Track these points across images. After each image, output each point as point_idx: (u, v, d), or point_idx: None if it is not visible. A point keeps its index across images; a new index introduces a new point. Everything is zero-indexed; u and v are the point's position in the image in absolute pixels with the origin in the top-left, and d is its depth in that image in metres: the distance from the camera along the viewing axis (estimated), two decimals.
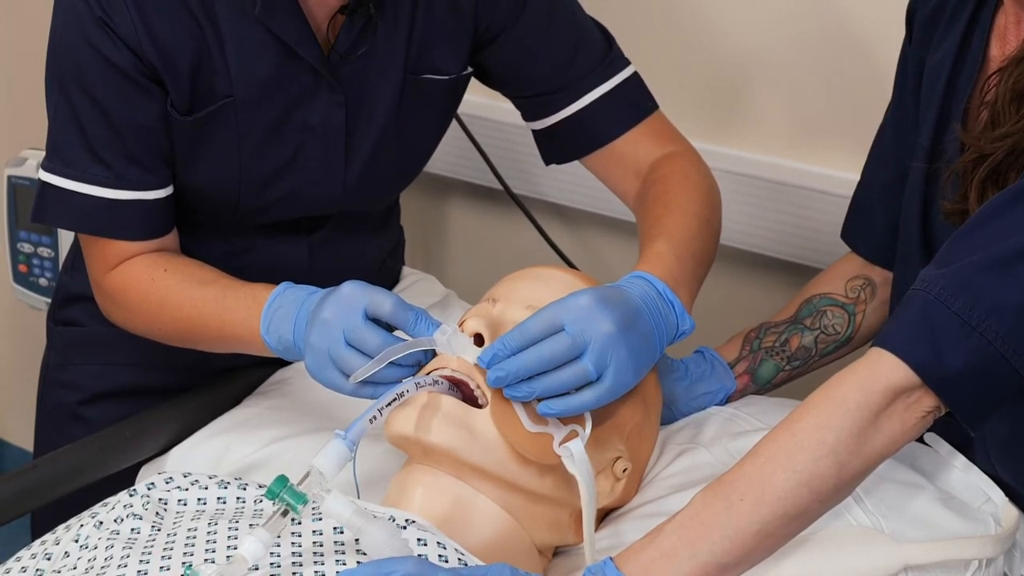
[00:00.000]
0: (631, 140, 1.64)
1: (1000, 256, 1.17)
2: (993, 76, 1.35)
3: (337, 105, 1.54)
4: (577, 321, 1.27)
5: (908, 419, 1.19)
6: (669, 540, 1.17)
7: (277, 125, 1.53)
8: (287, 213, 1.62)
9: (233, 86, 1.50)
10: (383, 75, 1.56)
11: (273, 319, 1.41)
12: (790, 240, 2.07)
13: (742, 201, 2.11)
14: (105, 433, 1.58)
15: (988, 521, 1.33)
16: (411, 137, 1.63)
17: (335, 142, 1.56)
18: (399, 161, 1.64)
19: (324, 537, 1.21)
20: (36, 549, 1.30)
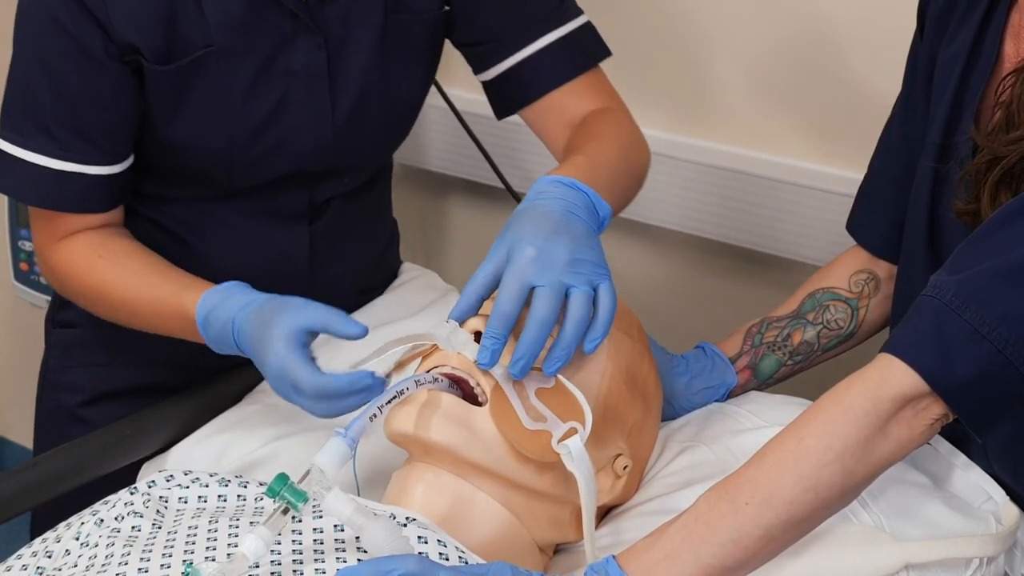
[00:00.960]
0: (571, 91, 1.64)
1: (1012, 265, 1.17)
2: (1008, 77, 1.34)
3: (318, 48, 1.53)
4: (542, 271, 1.27)
5: (916, 426, 1.19)
6: (673, 541, 1.17)
7: (260, 72, 1.52)
8: (281, 166, 1.59)
9: (211, 34, 1.49)
10: (362, 16, 1.55)
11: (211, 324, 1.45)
12: (789, 237, 2.07)
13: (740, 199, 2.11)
14: (105, 431, 1.58)
15: (989, 519, 1.33)
16: (396, 83, 1.61)
17: (319, 87, 1.55)
18: (387, 109, 1.63)
19: (325, 535, 1.21)
20: (37, 547, 1.30)
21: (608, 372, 1.34)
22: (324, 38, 1.53)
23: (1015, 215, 1.22)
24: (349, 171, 1.67)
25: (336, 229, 1.68)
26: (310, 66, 1.54)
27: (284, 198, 1.64)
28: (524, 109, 1.66)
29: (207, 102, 1.52)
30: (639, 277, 2.29)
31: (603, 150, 1.51)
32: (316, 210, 1.66)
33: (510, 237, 1.30)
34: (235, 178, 1.59)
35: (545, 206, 1.34)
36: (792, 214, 2.06)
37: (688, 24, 2.13)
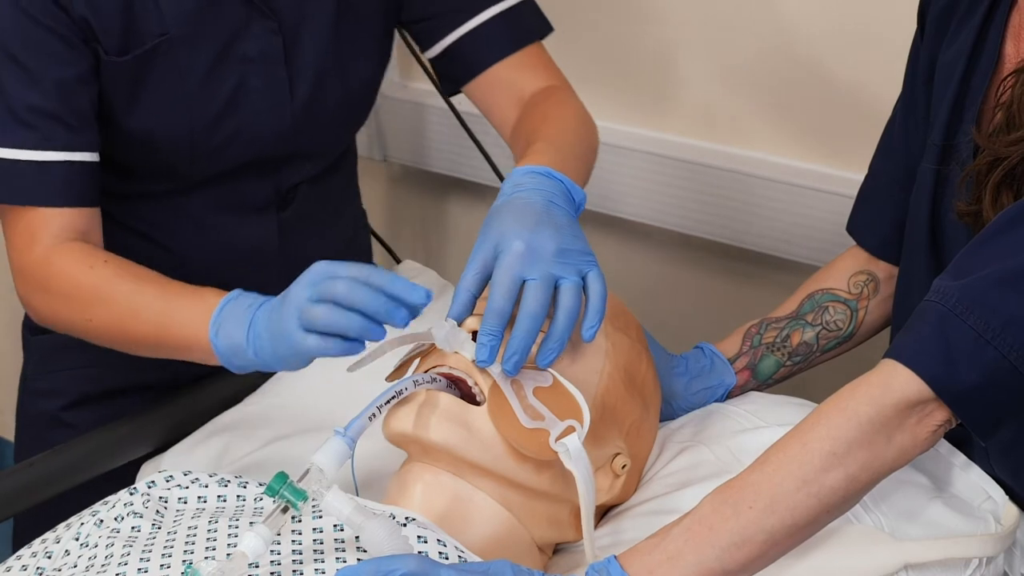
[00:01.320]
0: (515, 66, 1.65)
1: (1016, 270, 1.17)
2: (1009, 78, 1.34)
3: (272, 33, 1.53)
4: (532, 265, 1.28)
5: (920, 433, 1.19)
6: (675, 543, 1.17)
7: (216, 60, 1.52)
8: (243, 154, 1.59)
9: (166, 22, 1.48)
10: (316, 2, 1.55)
11: (224, 322, 1.36)
12: (788, 238, 2.07)
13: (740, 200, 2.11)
14: (99, 432, 1.57)
15: (988, 519, 1.33)
16: (352, 64, 1.61)
17: (276, 72, 1.55)
18: (344, 92, 1.63)
19: (324, 535, 1.21)
20: (37, 547, 1.30)
21: (606, 371, 1.34)
22: (278, 23, 1.53)
23: (1018, 219, 1.22)
24: (311, 156, 1.66)
25: (304, 216, 1.68)
26: (266, 52, 1.53)
27: (249, 187, 1.63)
28: (469, 85, 1.66)
29: (165, 92, 1.51)
30: (637, 277, 2.29)
31: (563, 133, 1.52)
32: (283, 198, 1.66)
33: (495, 232, 1.31)
34: (197, 168, 1.58)
35: (525, 198, 1.34)
36: (790, 214, 2.06)
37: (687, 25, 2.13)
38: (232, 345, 1.34)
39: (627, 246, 2.30)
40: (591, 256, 1.32)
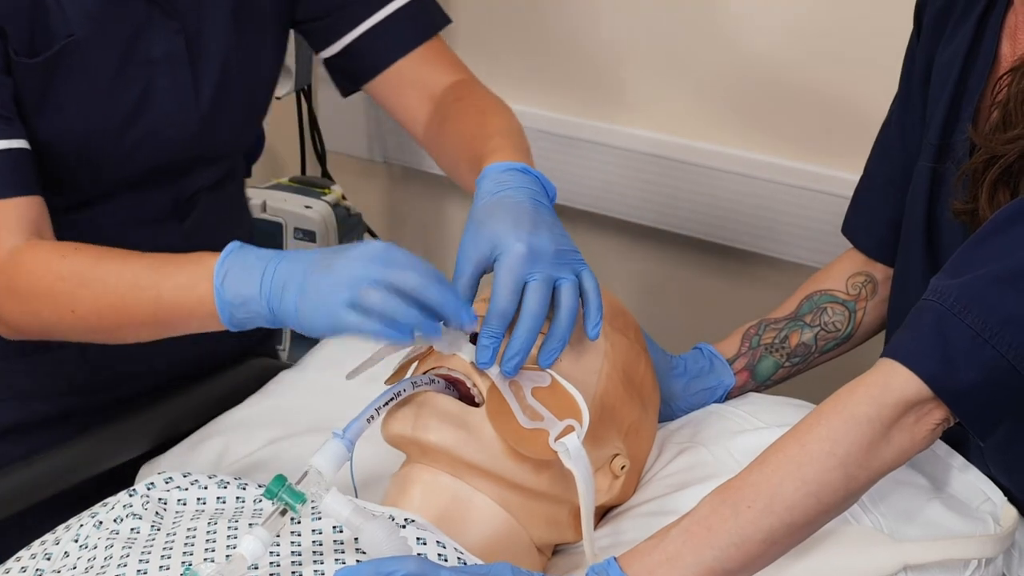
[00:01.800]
0: (420, 61, 1.63)
1: (1013, 268, 1.17)
2: (1005, 76, 1.35)
3: (175, 33, 1.51)
4: (534, 266, 1.28)
5: (918, 432, 1.19)
6: (674, 544, 1.17)
7: (122, 62, 1.49)
8: (149, 159, 1.55)
9: (70, 24, 1.45)
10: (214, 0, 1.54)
11: (230, 271, 1.30)
12: (786, 238, 2.07)
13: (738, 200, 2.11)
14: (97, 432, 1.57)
15: (987, 520, 1.33)
16: (254, 63, 1.60)
17: (181, 74, 1.53)
18: (247, 91, 1.61)
19: (323, 536, 1.21)
20: (36, 549, 1.30)
21: (604, 372, 1.34)
22: (180, 22, 1.51)
23: (1015, 217, 1.22)
24: (214, 160, 1.64)
25: (205, 226, 1.64)
26: (170, 53, 1.51)
27: (149, 199, 1.58)
28: (372, 82, 1.64)
29: (74, 95, 1.48)
30: (636, 277, 2.29)
31: (509, 127, 1.51)
32: (183, 207, 1.62)
33: (490, 232, 1.30)
34: (104, 176, 1.54)
35: (513, 197, 1.34)
36: (788, 215, 2.06)
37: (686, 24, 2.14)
38: (240, 295, 1.29)
39: (626, 247, 2.31)
40: (580, 255, 1.33)
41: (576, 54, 2.26)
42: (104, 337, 1.42)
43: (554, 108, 2.29)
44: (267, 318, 1.29)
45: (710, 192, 2.13)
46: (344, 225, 2.10)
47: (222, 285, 1.29)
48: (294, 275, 1.27)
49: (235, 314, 1.30)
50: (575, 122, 2.26)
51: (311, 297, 1.25)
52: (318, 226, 2.07)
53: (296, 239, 2.10)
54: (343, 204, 2.12)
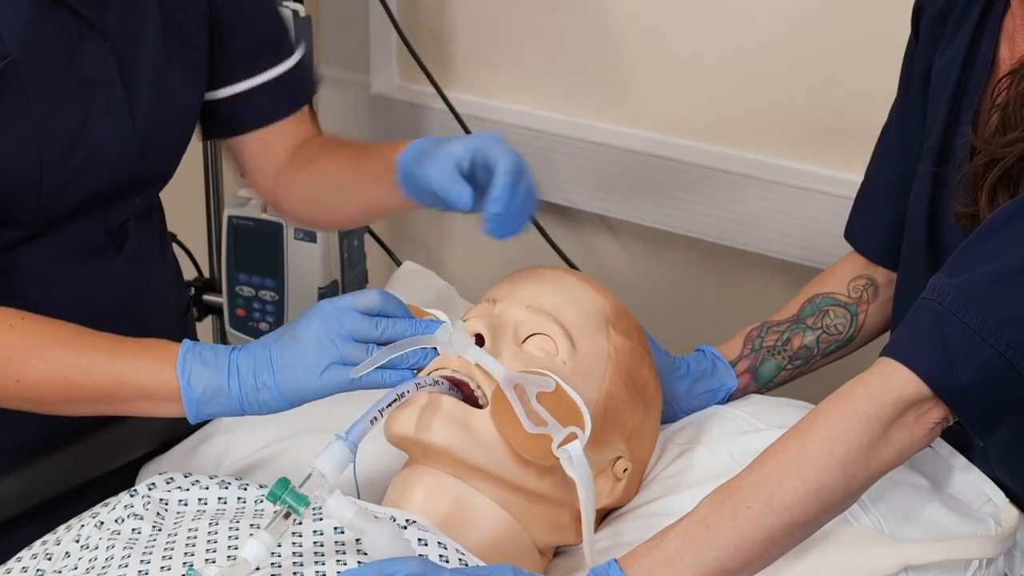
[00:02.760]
0: (291, 124, 1.66)
1: (1012, 267, 1.18)
2: (1004, 79, 1.35)
3: (107, 53, 1.48)
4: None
5: (918, 430, 1.19)
6: (674, 544, 1.17)
7: (60, 84, 1.45)
8: (89, 186, 1.51)
9: (6, 45, 1.41)
10: (142, 17, 1.52)
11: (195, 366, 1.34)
12: (790, 240, 2.07)
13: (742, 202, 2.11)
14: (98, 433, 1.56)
15: (988, 521, 1.33)
16: (183, 85, 1.58)
17: (116, 95, 1.50)
18: (178, 113, 1.59)
19: (325, 537, 1.21)
20: (37, 549, 1.30)
21: (608, 374, 1.34)
22: (111, 43, 1.49)
23: (1013, 217, 1.22)
24: (148, 185, 1.61)
25: (140, 254, 1.62)
26: (103, 73, 1.49)
27: (85, 228, 1.54)
28: (242, 137, 1.66)
29: (13, 121, 1.43)
30: (638, 280, 2.29)
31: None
32: (116, 237, 1.58)
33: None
34: (44, 205, 1.48)
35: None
36: (790, 216, 2.06)
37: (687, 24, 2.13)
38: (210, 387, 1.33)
39: (628, 249, 2.30)
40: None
41: (578, 54, 2.26)
42: (44, 409, 1.39)
43: (555, 108, 2.29)
44: (234, 409, 1.34)
45: (712, 193, 2.12)
46: None
47: (188, 383, 1.33)
48: (261, 360, 1.33)
49: (203, 409, 1.34)
50: (577, 122, 2.26)
51: (293, 371, 1.32)
52: None
53: (296, 239, 2.10)
54: None
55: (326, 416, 1.53)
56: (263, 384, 1.32)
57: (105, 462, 1.56)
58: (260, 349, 1.34)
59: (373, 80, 2.44)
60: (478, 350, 1.29)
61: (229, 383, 1.33)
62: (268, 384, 1.32)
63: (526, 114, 2.31)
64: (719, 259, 2.20)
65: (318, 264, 2.08)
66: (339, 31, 2.44)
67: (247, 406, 1.34)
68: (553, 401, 1.27)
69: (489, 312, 1.36)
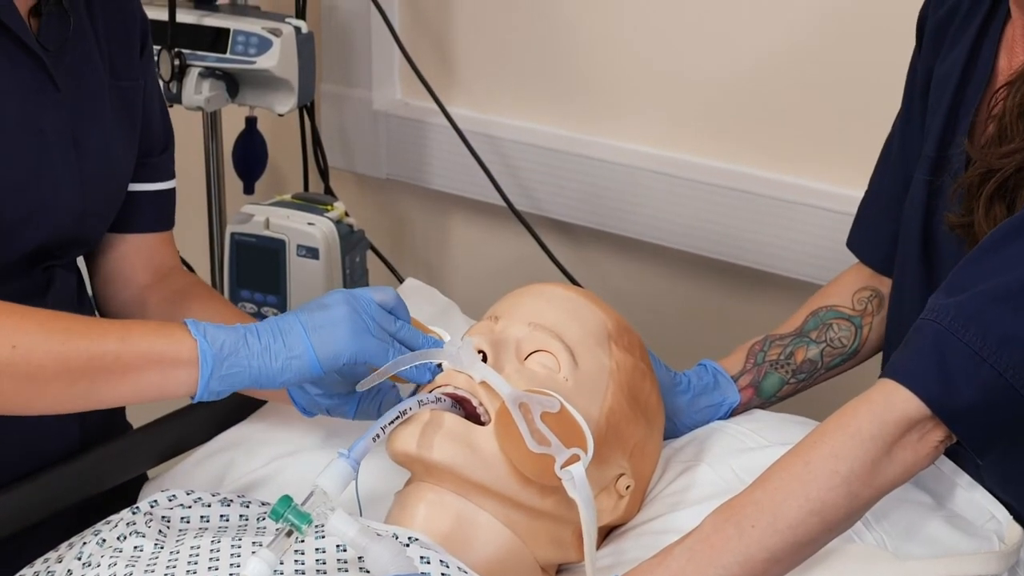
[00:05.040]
0: (162, 240, 1.67)
1: (1011, 287, 1.18)
2: (1001, 90, 1.35)
3: (59, 107, 1.46)
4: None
5: (921, 449, 1.19)
6: (678, 563, 1.17)
7: (14, 130, 1.42)
8: (32, 238, 1.46)
9: None
10: (90, 76, 1.51)
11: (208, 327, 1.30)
12: (791, 256, 2.07)
13: (743, 218, 2.11)
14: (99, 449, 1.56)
15: (992, 539, 1.33)
16: (122, 149, 1.57)
17: (66, 150, 1.48)
18: (118, 175, 1.58)
19: (327, 555, 1.20)
20: (39, 567, 1.30)
21: (610, 391, 1.34)
22: (65, 97, 1.47)
23: (1012, 235, 1.22)
24: (81, 246, 1.58)
25: (65, 300, 1.56)
26: (56, 126, 1.46)
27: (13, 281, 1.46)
28: (119, 236, 1.64)
29: None
30: (640, 295, 2.29)
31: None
32: (40, 284, 1.52)
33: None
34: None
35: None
36: (790, 231, 2.06)
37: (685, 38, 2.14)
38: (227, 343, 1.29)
39: (629, 264, 2.31)
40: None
41: (580, 70, 2.26)
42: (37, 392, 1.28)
43: (558, 123, 2.30)
44: (250, 375, 1.30)
45: (713, 209, 2.13)
46: (347, 242, 2.10)
47: (205, 337, 1.29)
48: (287, 322, 1.31)
49: (216, 372, 1.29)
50: (579, 138, 2.26)
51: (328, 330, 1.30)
52: (321, 243, 2.06)
53: (299, 256, 2.09)
54: (346, 221, 2.12)
55: (328, 434, 1.53)
56: (293, 344, 1.29)
57: (107, 479, 1.56)
58: (280, 318, 1.32)
59: (375, 96, 2.44)
60: (484, 367, 1.29)
61: (247, 341, 1.29)
62: (300, 344, 1.29)
63: (528, 130, 2.31)
64: (720, 275, 2.20)
65: (320, 281, 2.07)
66: (341, 47, 2.44)
67: (265, 370, 1.29)
68: (557, 421, 1.27)
69: (491, 329, 1.36)
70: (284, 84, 2.18)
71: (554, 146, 2.27)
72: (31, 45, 1.42)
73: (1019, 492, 1.38)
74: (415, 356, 1.31)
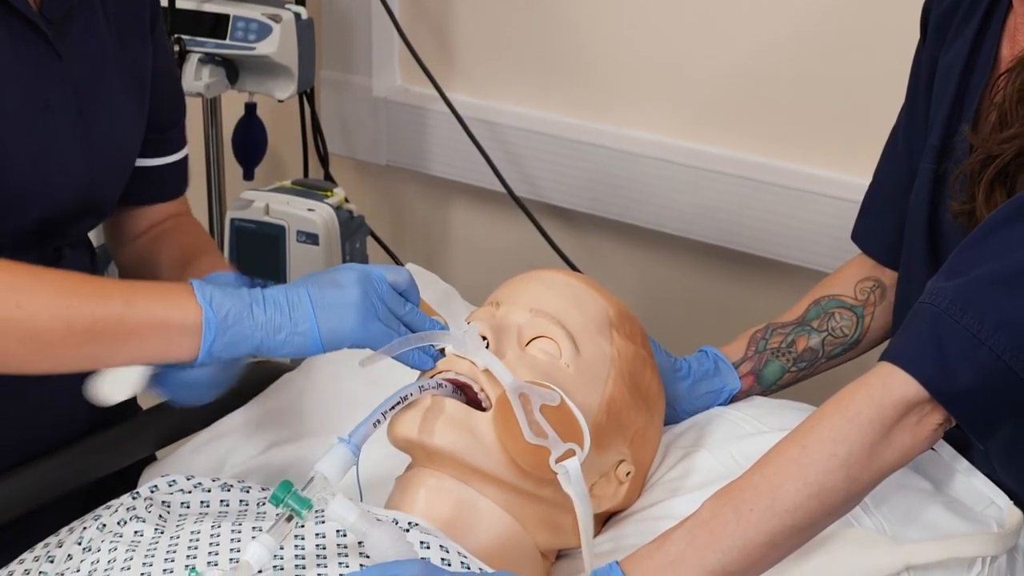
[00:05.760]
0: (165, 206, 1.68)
1: (1008, 270, 1.18)
2: (1001, 77, 1.35)
3: (65, 78, 1.46)
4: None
5: (919, 433, 1.19)
6: (677, 547, 1.17)
7: (20, 101, 1.42)
8: (38, 210, 1.46)
9: None
10: (101, 50, 1.51)
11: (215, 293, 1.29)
12: (793, 243, 2.07)
13: (744, 205, 2.11)
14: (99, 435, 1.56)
15: (991, 524, 1.34)
16: (131, 121, 1.57)
17: (72, 122, 1.47)
18: (126, 153, 1.57)
19: (327, 540, 1.21)
20: (39, 552, 1.30)
21: (611, 378, 1.34)
22: (70, 68, 1.47)
23: (1009, 219, 1.22)
24: (90, 218, 1.58)
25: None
26: (61, 97, 1.46)
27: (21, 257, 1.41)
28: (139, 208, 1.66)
29: None
30: (641, 281, 2.29)
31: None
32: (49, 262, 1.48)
33: None
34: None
35: None
36: (793, 219, 2.06)
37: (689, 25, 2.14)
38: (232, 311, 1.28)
39: (630, 250, 2.31)
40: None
41: (580, 57, 2.26)
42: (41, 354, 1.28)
43: (558, 110, 2.30)
44: (253, 343, 1.29)
45: (713, 196, 2.13)
46: (347, 228, 2.10)
47: (210, 305, 1.28)
48: (296, 295, 1.30)
49: (220, 338, 1.28)
50: (579, 124, 2.26)
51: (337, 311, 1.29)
52: (320, 229, 2.06)
53: (299, 242, 2.09)
54: (346, 207, 2.12)
55: (328, 419, 1.53)
56: (299, 320, 1.29)
57: (107, 464, 1.56)
58: (291, 288, 1.31)
59: (375, 83, 2.44)
60: (488, 354, 1.29)
61: (252, 310, 1.29)
62: (305, 321, 1.29)
63: (528, 116, 2.31)
64: (721, 262, 2.20)
65: (320, 266, 2.07)
66: (341, 34, 2.44)
67: (268, 341, 1.29)
68: (556, 415, 1.27)
69: (493, 315, 1.36)
70: (284, 70, 2.18)
71: (554, 132, 2.27)
72: (32, 17, 1.42)
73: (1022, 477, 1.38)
74: (419, 338, 1.31)
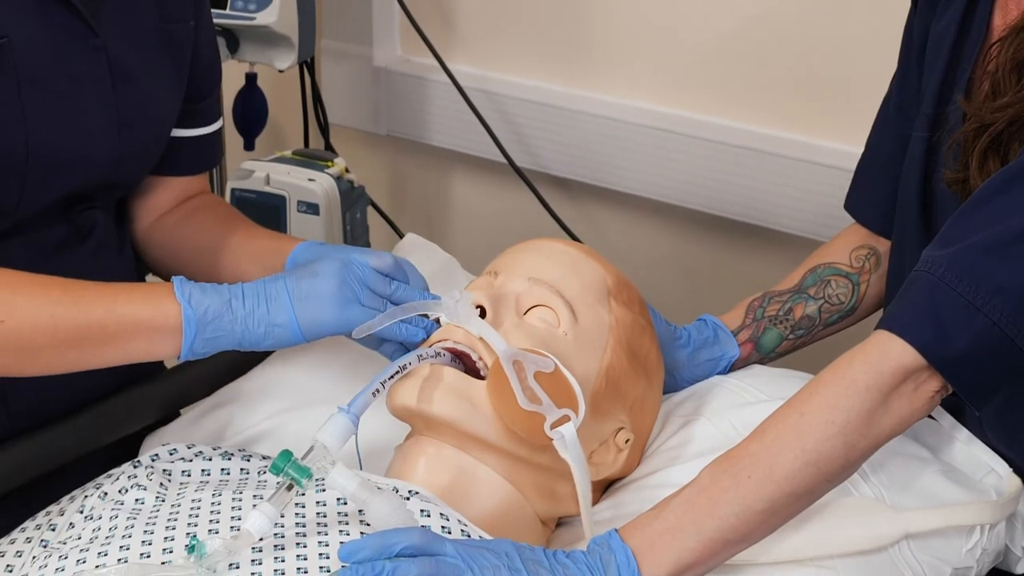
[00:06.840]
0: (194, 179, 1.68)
1: (1003, 237, 1.18)
2: (994, 46, 1.35)
3: (98, 51, 1.46)
4: None
5: (916, 400, 1.19)
6: (675, 514, 1.18)
7: (52, 73, 1.43)
8: (71, 182, 1.47)
9: (4, 24, 1.39)
10: (138, 23, 1.51)
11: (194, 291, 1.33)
12: (791, 212, 2.07)
13: (743, 174, 2.11)
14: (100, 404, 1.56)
15: (990, 493, 1.34)
16: (167, 92, 1.57)
17: (104, 94, 1.48)
18: (158, 120, 1.57)
19: (328, 508, 1.21)
20: (40, 520, 1.30)
21: (609, 346, 1.34)
22: (102, 41, 1.47)
23: (1003, 186, 1.22)
24: (121, 189, 1.59)
25: (103, 246, 1.57)
26: (93, 70, 1.47)
27: (53, 227, 1.49)
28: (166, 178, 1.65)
29: (4, 100, 1.39)
30: (639, 251, 2.29)
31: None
32: (81, 230, 1.53)
33: None
34: (25, 198, 1.43)
35: None
36: (789, 187, 2.06)
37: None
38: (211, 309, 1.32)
39: (629, 220, 2.31)
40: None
41: (580, 26, 2.25)
42: (27, 361, 1.33)
43: (558, 80, 2.30)
44: (234, 338, 1.33)
45: (711, 164, 2.13)
46: (347, 198, 2.10)
47: (189, 303, 1.32)
48: (274, 288, 1.33)
49: (201, 335, 1.32)
50: (579, 94, 2.26)
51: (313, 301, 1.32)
52: (321, 199, 2.06)
53: (299, 212, 2.09)
54: (346, 177, 2.12)
55: (328, 389, 1.54)
56: (277, 312, 1.32)
57: (108, 433, 1.56)
58: (270, 281, 1.34)
59: (375, 53, 2.44)
60: (481, 322, 1.29)
61: (232, 306, 1.32)
62: (283, 313, 1.32)
63: (528, 86, 2.31)
64: (719, 231, 2.20)
65: (321, 237, 2.07)
66: (342, 3, 2.43)
67: (248, 335, 1.33)
68: (551, 381, 1.27)
69: (491, 284, 1.36)
70: (284, 40, 2.17)
71: (554, 102, 2.27)
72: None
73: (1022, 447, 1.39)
74: (411, 307, 1.32)
